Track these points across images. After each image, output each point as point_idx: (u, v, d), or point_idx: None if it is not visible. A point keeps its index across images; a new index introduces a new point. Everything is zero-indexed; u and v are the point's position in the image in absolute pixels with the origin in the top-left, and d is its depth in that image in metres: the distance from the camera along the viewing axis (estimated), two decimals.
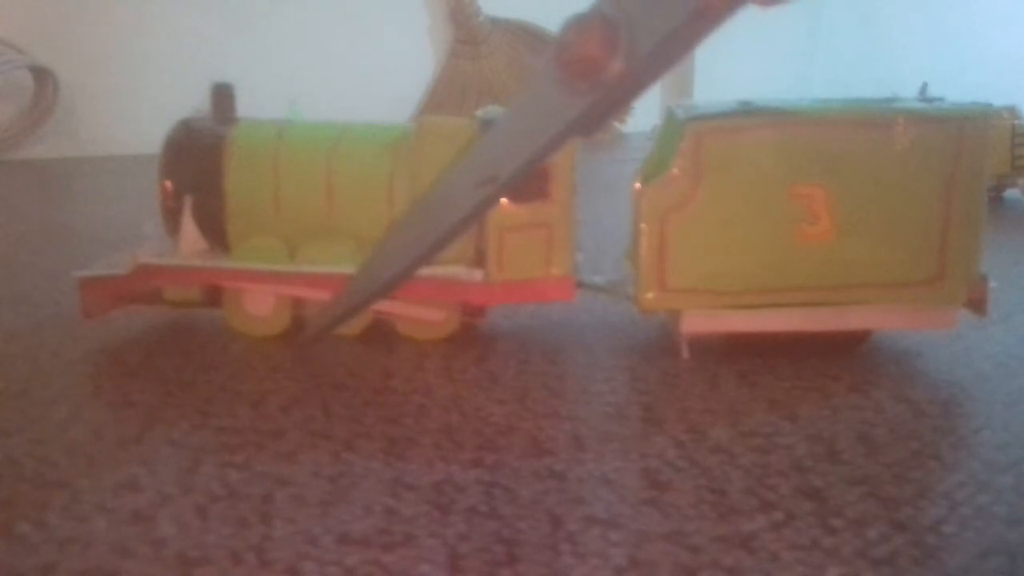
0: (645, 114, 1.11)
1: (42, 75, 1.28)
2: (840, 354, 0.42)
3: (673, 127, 0.41)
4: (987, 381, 0.40)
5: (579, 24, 0.28)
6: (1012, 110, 0.84)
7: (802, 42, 1.74)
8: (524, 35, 1.51)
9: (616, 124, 1.47)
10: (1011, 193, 0.88)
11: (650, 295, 0.41)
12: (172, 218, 0.45)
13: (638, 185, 0.41)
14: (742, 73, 1.43)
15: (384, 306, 0.44)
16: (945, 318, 0.42)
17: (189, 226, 0.45)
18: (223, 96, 0.47)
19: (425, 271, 0.42)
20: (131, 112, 1.29)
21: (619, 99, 0.30)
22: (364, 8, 1.44)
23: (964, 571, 0.25)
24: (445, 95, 1.49)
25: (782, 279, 0.40)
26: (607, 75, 0.28)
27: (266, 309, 0.45)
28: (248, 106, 0.48)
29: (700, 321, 0.41)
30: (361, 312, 0.42)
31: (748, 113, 0.40)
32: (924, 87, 0.62)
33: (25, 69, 1.26)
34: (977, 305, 0.41)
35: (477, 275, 0.43)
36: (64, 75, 1.29)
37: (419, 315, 0.44)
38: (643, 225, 0.40)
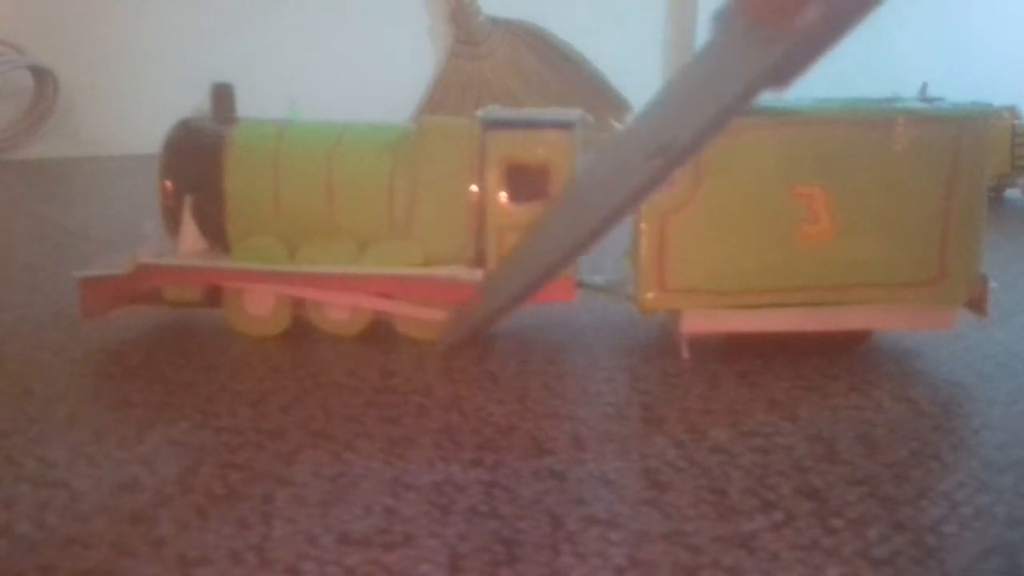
0: None
1: (42, 75, 1.28)
2: (840, 354, 0.42)
3: None
4: (987, 381, 0.40)
5: None
6: (1012, 110, 0.84)
7: None
8: (524, 35, 1.50)
9: (616, 124, 1.47)
10: (1011, 193, 0.88)
11: (650, 295, 0.41)
12: (172, 218, 0.45)
13: None
14: None
15: (384, 306, 0.44)
16: (945, 318, 0.42)
17: (189, 226, 0.45)
18: (223, 96, 0.47)
19: (425, 271, 0.43)
20: (131, 112, 1.29)
21: (816, 48, 0.25)
22: (364, 8, 1.44)
23: (964, 571, 0.25)
24: (445, 95, 1.49)
25: (782, 279, 0.40)
26: (803, 20, 0.24)
27: (266, 309, 0.45)
28: (248, 106, 0.48)
29: (700, 321, 0.41)
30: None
31: (748, 113, 0.40)
32: (924, 87, 0.62)
33: (25, 69, 1.26)
34: (977, 305, 0.41)
35: (477, 275, 0.43)
36: (64, 75, 1.29)
37: (419, 315, 0.44)
38: (643, 225, 0.40)
